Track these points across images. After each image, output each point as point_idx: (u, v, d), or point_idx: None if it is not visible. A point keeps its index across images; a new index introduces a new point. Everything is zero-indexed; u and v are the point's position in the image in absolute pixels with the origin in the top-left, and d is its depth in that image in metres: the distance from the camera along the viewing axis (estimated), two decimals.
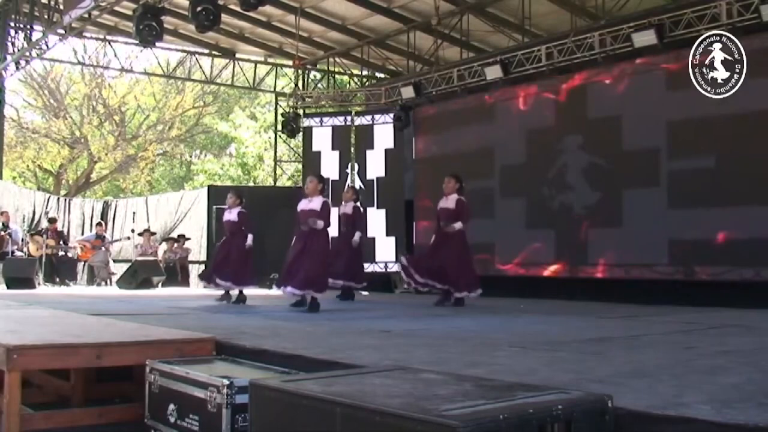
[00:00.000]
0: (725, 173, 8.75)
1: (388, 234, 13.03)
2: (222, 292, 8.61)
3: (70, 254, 14.02)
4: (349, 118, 13.83)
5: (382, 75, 15.56)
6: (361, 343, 4.21)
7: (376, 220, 13.05)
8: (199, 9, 9.24)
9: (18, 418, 3.38)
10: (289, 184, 19.12)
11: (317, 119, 14.07)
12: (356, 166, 13.56)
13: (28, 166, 25.95)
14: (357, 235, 8.95)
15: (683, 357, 3.69)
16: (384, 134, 13.27)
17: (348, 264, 8.87)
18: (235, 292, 8.55)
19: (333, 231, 8.11)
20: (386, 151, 13.23)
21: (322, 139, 13.79)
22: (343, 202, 9.42)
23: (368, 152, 13.40)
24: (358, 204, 9.35)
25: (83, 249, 14.07)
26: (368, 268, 12.59)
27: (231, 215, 8.66)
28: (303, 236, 7.31)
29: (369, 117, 13.54)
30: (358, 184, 13.24)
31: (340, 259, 8.70)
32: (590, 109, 10.27)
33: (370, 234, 12.87)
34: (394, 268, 12.88)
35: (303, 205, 7.43)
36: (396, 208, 13.04)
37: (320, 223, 7.20)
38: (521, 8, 11.38)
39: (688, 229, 9.05)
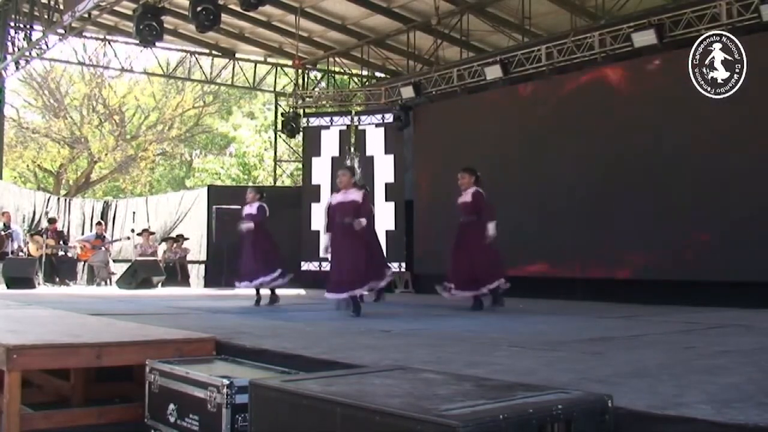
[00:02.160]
0: (725, 173, 8.75)
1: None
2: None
3: (69, 254, 14.02)
4: (349, 117, 13.83)
5: (382, 75, 15.57)
6: (361, 343, 4.21)
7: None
8: (199, 9, 9.25)
9: (18, 418, 3.38)
10: (289, 183, 19.13)
11: (317, 119, 14.07)
12: (356, 166, 13.55)
13: (28, 166, 25.96)
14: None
15: (683, 357, 3.69)
16: (384, 134, 13.26)
17: None
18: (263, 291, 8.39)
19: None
20: (385, 151, 13.22)
21: (322, 139, 13.78)
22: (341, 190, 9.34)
23: (368, 152, 13.39)
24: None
25: (83, 249, 14.07)
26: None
27: (251, 209, 8.44)
28: (348, 231, 6.88)
29: (369, 117, 13.54)
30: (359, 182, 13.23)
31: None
32: (590, 108, 10.26)
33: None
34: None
35: (339, 197, 7.10)
36: (397, 206, 13.03)
37: (363, 221, 6.88)
38: (521, 8, 11.38)
39: (688, 229, 9.05)
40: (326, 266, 9.79)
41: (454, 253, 7.71)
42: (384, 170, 13.20)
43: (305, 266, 13.23)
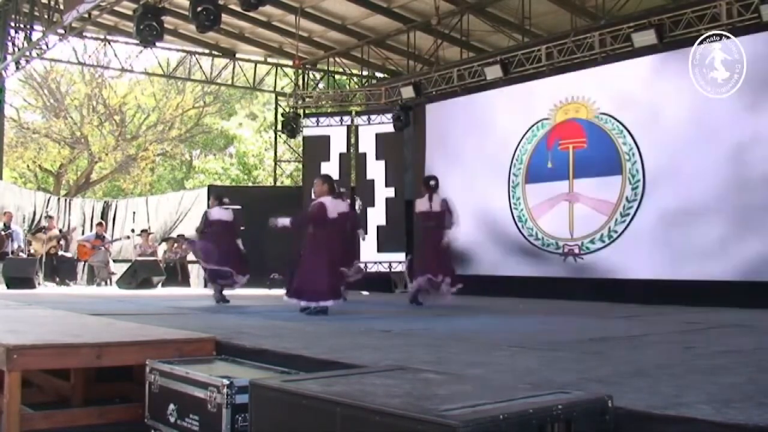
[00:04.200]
0: (725, 173, 8.75)
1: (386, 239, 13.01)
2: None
3: (69, 254, 14.03)
4: (349, 118, 13.82)
5: (382, 75, 15.56)
6: (361, 343, 4.21)
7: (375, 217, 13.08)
8: (199, 9, 9.25)
9: (18, 417, 3.38)
10: (288, 183, 19.13)
11: (317, 119, 14.06)
12: (356, 166, 13.54)
13: (28, 166, 25.94)
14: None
15: (683, 357, 3.69)
16: (383, 134, 13.25)
17: None
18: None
19: None
20: (386, 151, 13.21)
21: (322, 139, 13.76)
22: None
23: (368, 152, 13.38)
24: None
25: (83, 248, 14.07)
26: (371, 267, 12.62)
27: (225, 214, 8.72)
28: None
29: (369, 117, 13.53)
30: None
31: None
32: (590, 108, 10.27)
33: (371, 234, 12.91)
34: (399, 267, 12.88)
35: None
36: (396, 207, 13.01)
37: (277, 221, 7.15)
38: (521, 8, 11.38)
39: (689, 231, 9.05)
40: None
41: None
42: (383, 137, 13.19)
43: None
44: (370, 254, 12.72)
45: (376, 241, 12.83)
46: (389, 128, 13.14)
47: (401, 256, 12.74)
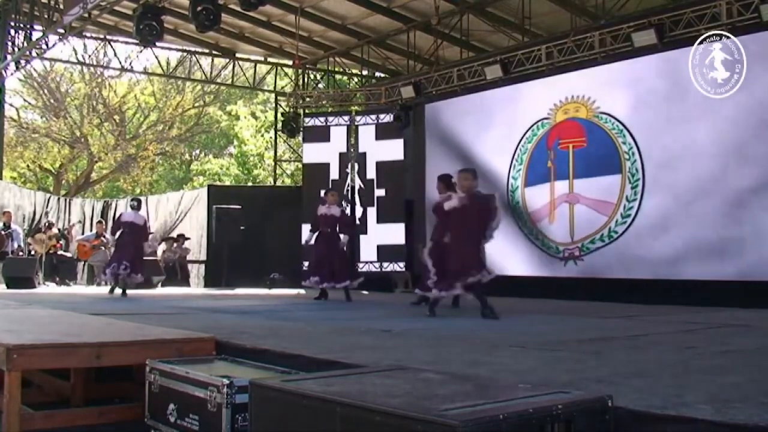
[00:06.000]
0: (724, 173, 8.75)
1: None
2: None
3: (69, 254, 14.03)
4: (349, 117, 13.82)
5: (382, 75, 15.57)
6: (361, 343, 4.21)
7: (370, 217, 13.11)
8: (199, 9, 9.26)
9: (18, 417, 3.38)
10: (288, 183, 19.12)
11: (317, 119, 14.05)
12: (356, 166, 13.53)
13: (28, 166, 25.93)
14: (344, 238, 9.13)
15: (683, 357, 3.69)
16: (383, 134, 13.24)
17: (333, 266, 8.96)
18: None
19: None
20: (386, 151, 13.20)
21: (321, 139, 13.75)
22: (327, 204, 9.35)
23: (368, 152, 13.37)
24: (344, 208, 9.66)
25: (83, 248, 14.07)
26: (363, 267, 12.63)
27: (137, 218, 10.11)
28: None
29: (369, 117, 13.52)
30: (358, 183, 13.23)
31: (326, 260, 8.87)
32: (590, 107, 10.27)
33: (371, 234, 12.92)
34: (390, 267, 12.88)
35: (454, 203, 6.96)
36: (396, 207, 13.02)
37: None
38: (521, 8, 11.39)
39: (689, 231, 9.06)
40: None
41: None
42: (383, 137, 13.15)
43: (306, 266, 13.20)
44: (371, 254, 12.75)
45: (375, 213, 12.85)
46: (391, 155, 13.01)
47: (401, 256, 12.77)
